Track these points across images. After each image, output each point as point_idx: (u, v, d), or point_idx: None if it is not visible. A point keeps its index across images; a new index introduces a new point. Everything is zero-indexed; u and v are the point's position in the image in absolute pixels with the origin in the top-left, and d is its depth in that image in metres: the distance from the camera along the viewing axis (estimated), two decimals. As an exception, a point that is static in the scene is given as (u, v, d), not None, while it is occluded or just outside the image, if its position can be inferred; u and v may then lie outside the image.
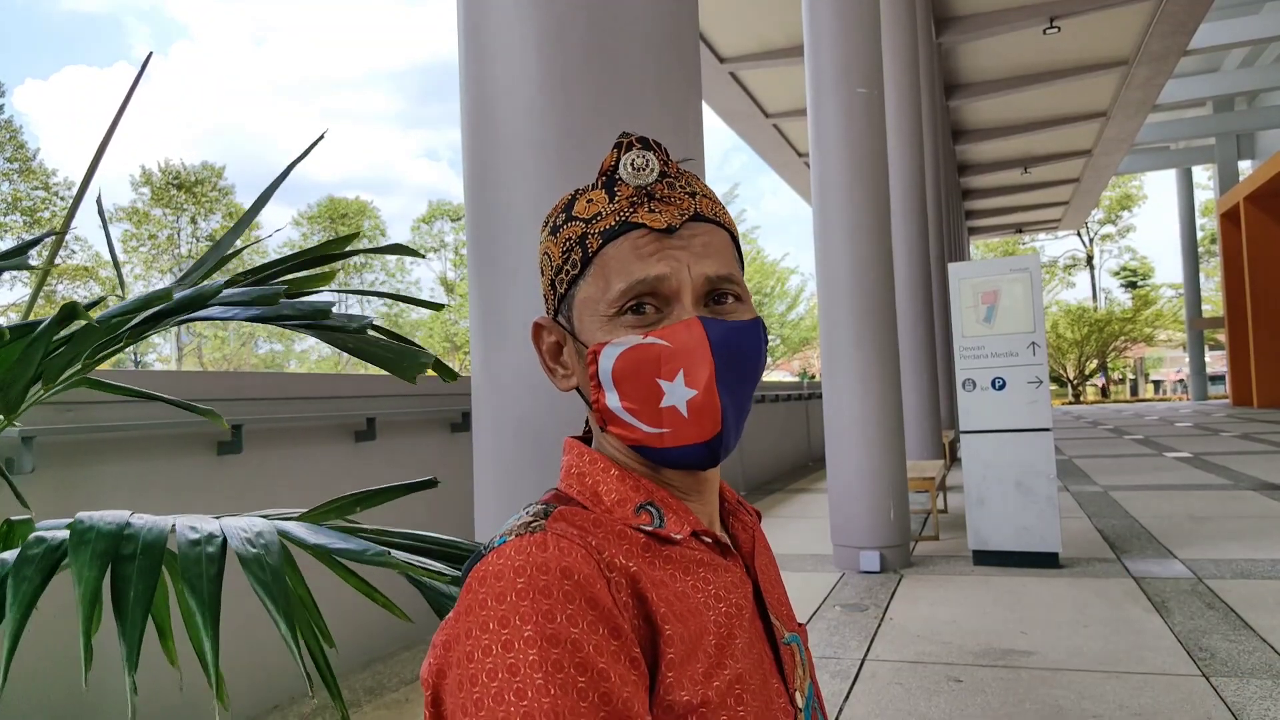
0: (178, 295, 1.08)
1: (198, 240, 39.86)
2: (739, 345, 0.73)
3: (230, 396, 3.73)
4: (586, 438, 0.83)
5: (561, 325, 0.78)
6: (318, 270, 1.37)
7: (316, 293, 1.34)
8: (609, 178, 0.76)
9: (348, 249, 1.36)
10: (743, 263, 0.81)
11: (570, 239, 0.75)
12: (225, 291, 1.11)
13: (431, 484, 1.32)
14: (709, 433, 0.71)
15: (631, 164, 0.74)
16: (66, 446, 3.03)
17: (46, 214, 32.72)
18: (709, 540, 0.75)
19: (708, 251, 0.74)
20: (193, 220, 39.79)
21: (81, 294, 34.81)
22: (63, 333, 1.07)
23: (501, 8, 1.94)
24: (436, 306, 1.42)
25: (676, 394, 0.70)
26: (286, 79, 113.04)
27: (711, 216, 0.76)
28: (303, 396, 4.10)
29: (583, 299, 0.75)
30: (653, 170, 0.75)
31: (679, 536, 0.72)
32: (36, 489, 2.84)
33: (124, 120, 1.45)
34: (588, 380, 0.75)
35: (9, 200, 32.21)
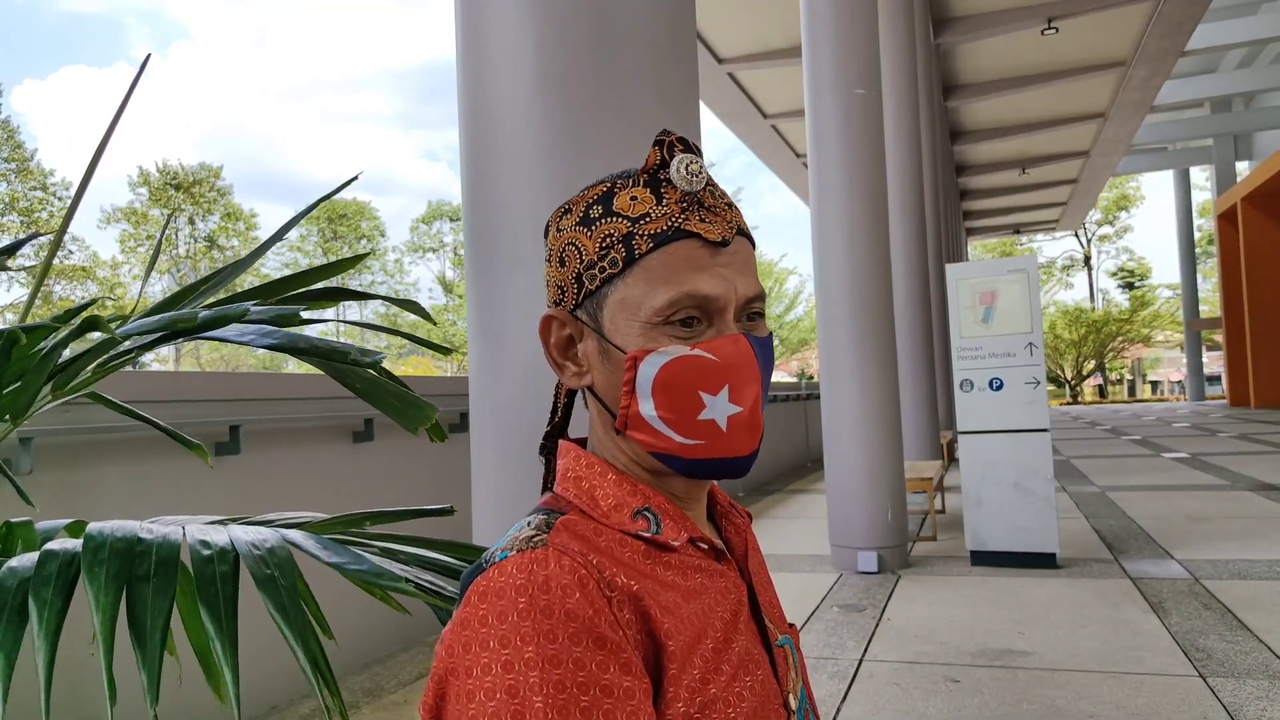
0: (202, 316, 1.09)
1: (195, 240, 39.83)
2: (771, 362, 0.74)
3: (229, 397, 3.73)
4: (580, 438, 0.82)
5: (581, 321, 0.75)
6: (324, 288, 1.38)
7: (324, 321, 1.35)
8: (653, 176, 0.73)
9: (360, 291, 1.37)
10: None
11: (611, 235, 0.72)
12: (253, 311, 1.12)
13: (448, 512, 1.33)
14: (749, 448, 0.72)
15: (686, 167, 0.72)
16: (64, 448, 3.03)
17: (44, 214, 32.68)
18: (704, 546, 0.75)
19: (747, 269, 0.74)
20: (190, 221, 39.77)
21: (79, 294, 34.79)
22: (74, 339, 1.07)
23: (499, 9, 1.94)
24: (446, 351, 1.43)
25: (718, 408, 0.70)
26: (286, 80, 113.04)
27: (746, 230, 0.76)
28: (301, 397, 4.10)
29: (619, 300, 0.72)
30: (703, 178, 0.73)
31: (676, 544, 0.72)
32: (34, 490, 2.83)
33: (123, 121, 1.46)
34: (618, 384, 0.73)
35: (6, 200, 32.17)
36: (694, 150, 0.74)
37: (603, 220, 0.73)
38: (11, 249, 1.19)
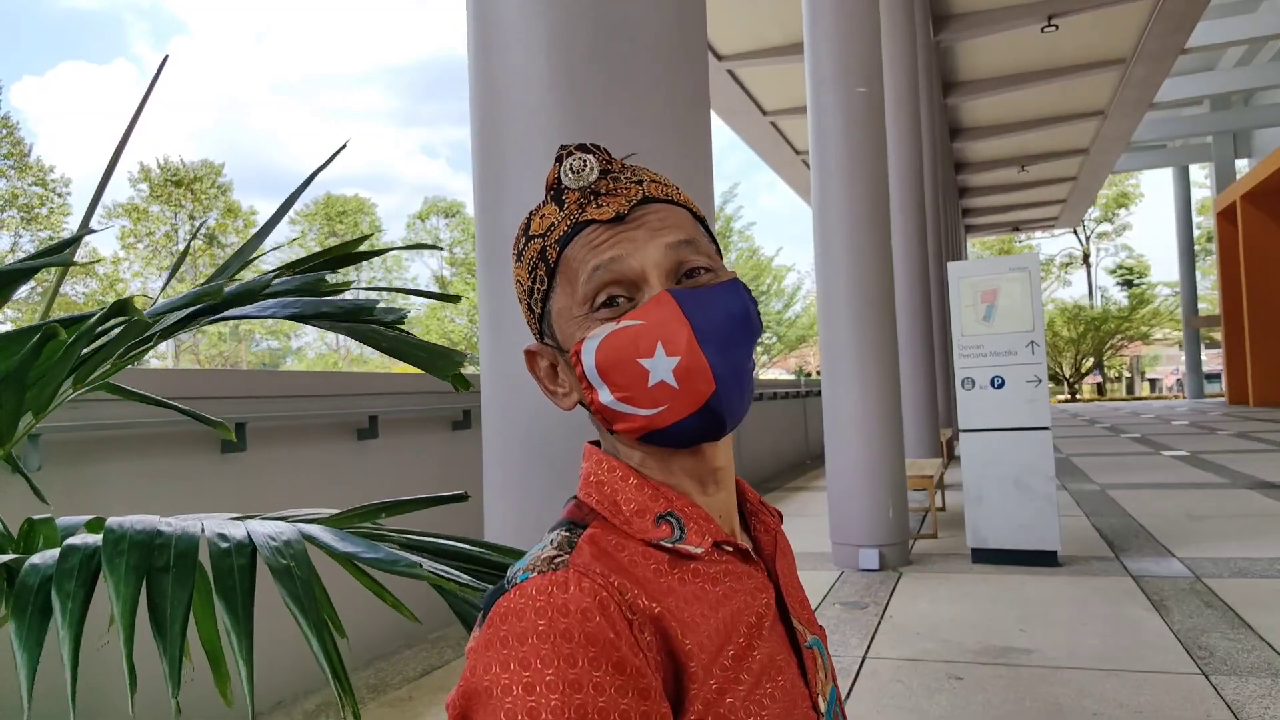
0: (228, 290, 1.10)
1: (195, 237, 39.77)
2: (716, 304, 0.71)
3: (234, 394, 3.73)
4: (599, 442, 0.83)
5: (549, 345, 0.78)
6: (334, 271, 1.39)
7: (339, 290, 1.36)
8: (556, 190, 0.76)
9: (377, 248, 1.37)
10: (715, 242, 0.79)
11: (532, 257, 0.76)
12: (275, 283, 1.12)
13: (463, 498, 1.33)
14: (705, 394, 0.69)
15: (570, 168, 0.75)
16: (73, 444, 3.03)
17: (44, 210, 32.65)
18: (730, 549, 0.75)
19: (664, 225, 0.73)
20: (190, 217, 39.72)
21: (78, 290, 34.76)
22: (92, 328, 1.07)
23: (510, 11, 1.95)
24: (454, 299, 1.44)
25: (660, 367, 0.69)
26: (285, 76, 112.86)
27: (663, 197, 0.75)
28: (305, 394, 4.11)
29: (558, 311, 0.75)
30: (592, 170, 0.74)
31: (700, 550, 0.72)
32: (44, 487, 2.84)
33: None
34: (579, 384, 0.74)
35: (6, 197, 32.14)
36: (590, 150, 0.76)
37: (525, 247, 0.77)
38: (59, 247, 1.19)
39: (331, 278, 1.54)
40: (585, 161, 0.75)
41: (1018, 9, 13.43)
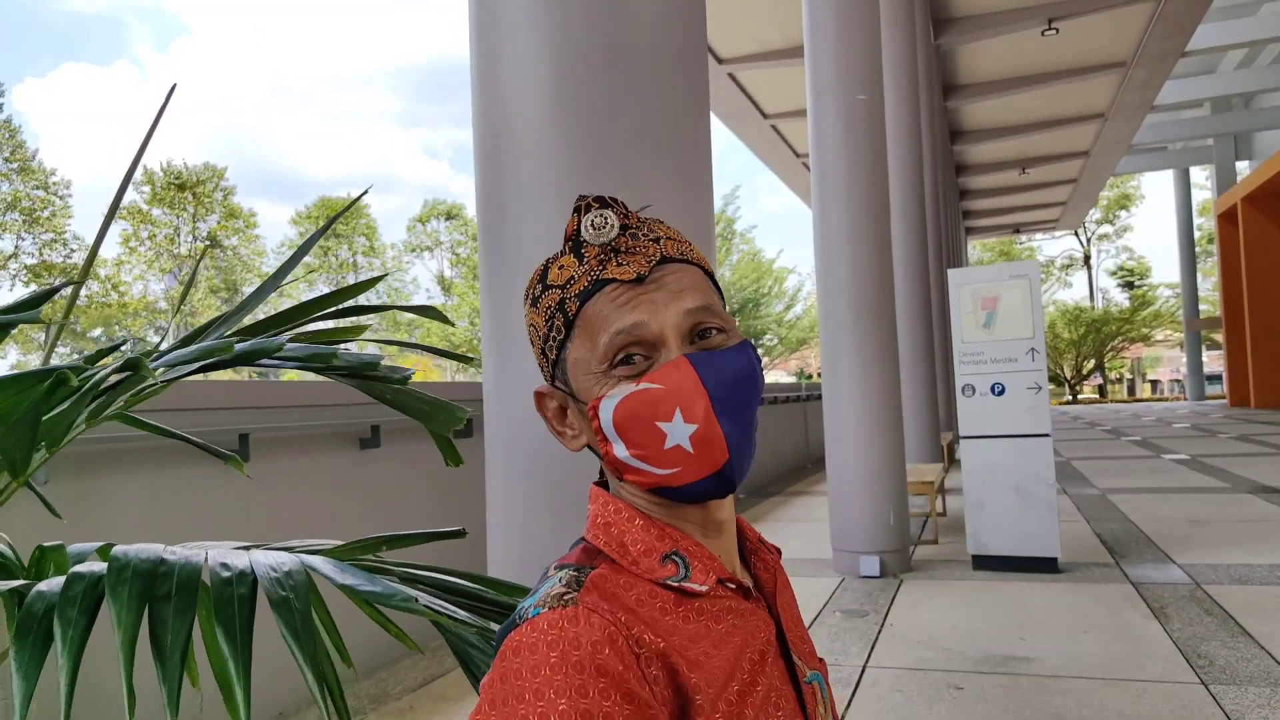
0: (238, 348, 1.12)
1: (196, 239, 39.82)
2: (730, 371, 0.75)
3: (237, 405, 3.75)
4: (605, 482, 0.85)
5: (560, 389, 0.81)
6: (347, 322, 1.40)
7: (346, 342, 1.37)
8: (574, 241, 0.79)
9: (378, 305, 1.39)
10: (722, 296, 0.83)
11: (550, 306, 0.79)
12: (287, 347, 1.14)
13: (460, 534, 1.35)
14: (719, 462, 0.73)
15: (591, 224, 0.78)
16: (79, 457, 3.05)
17: (46, 213, 32.68)
18: (733, 586, 0.78)
19: (681, 288, 0.76)
20: (192, 220, 39.76)
21: (80, 292, 34.72)
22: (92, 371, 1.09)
23: (514, 29, 1.96)
24: (468, 360, 1.46)
25: (678, 432, 0.72)
26: (286, 77, 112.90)
27: (679, 256, 0.79)
28: (308, 405, 4.13)
29: (574, 361, 0.78)
30: (612, 226, 0.78)
31: (704, 588, 0.75)
32: (52, 502, 2.85)
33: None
34: (594, 435, 0.77)
35: (8, 200, 32.18)
36: (609, 204, 0.79)
37: (542, 296, 0.80)
38: (36, 302, 1.20)
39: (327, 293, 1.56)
40: (605, 218, 0.78)
41: (1018, 12, 13.45)
